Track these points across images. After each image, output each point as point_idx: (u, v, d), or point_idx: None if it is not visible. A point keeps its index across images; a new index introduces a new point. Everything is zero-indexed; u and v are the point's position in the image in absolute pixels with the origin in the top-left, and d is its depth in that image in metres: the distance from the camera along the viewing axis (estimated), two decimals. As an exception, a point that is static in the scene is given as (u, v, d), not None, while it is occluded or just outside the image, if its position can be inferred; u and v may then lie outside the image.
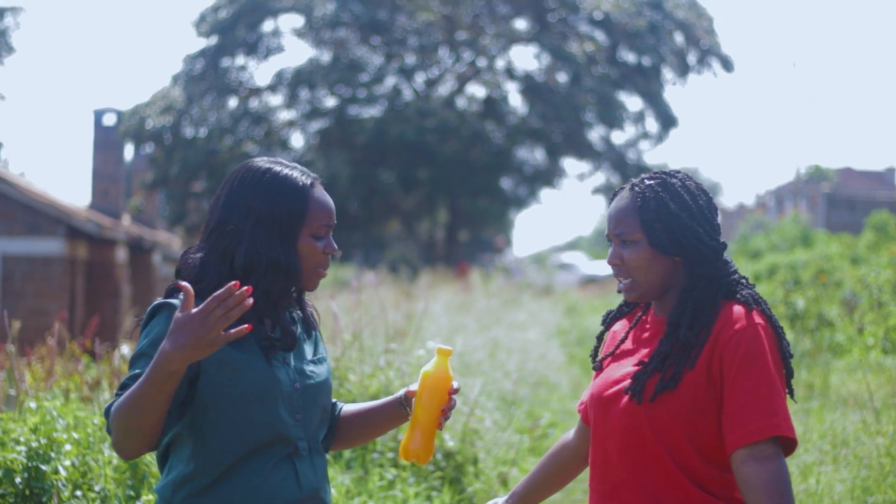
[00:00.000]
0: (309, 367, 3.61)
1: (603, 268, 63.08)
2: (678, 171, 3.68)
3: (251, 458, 3.44)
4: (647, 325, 3.71)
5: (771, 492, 3.32)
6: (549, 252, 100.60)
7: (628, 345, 3.72)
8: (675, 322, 3.53)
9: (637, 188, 3.63)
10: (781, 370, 3.49)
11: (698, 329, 3.49)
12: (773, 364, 3.45)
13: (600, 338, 3.89)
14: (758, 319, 3.49)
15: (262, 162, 3.60)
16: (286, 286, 3.53)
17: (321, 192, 3.60)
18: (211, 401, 3.41)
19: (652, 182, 3.63)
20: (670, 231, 3.55)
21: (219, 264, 3.50)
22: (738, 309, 3.51)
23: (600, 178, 45.34)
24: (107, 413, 3.31)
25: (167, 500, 3.45)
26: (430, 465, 8.31)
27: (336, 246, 3.62)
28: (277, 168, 3.57)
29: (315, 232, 3.56)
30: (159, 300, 3.46)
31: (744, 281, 3.61)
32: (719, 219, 3.69)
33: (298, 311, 3.70)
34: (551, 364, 17.02)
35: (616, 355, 3.73)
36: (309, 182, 3.58)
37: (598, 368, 3.76)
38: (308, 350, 3.67)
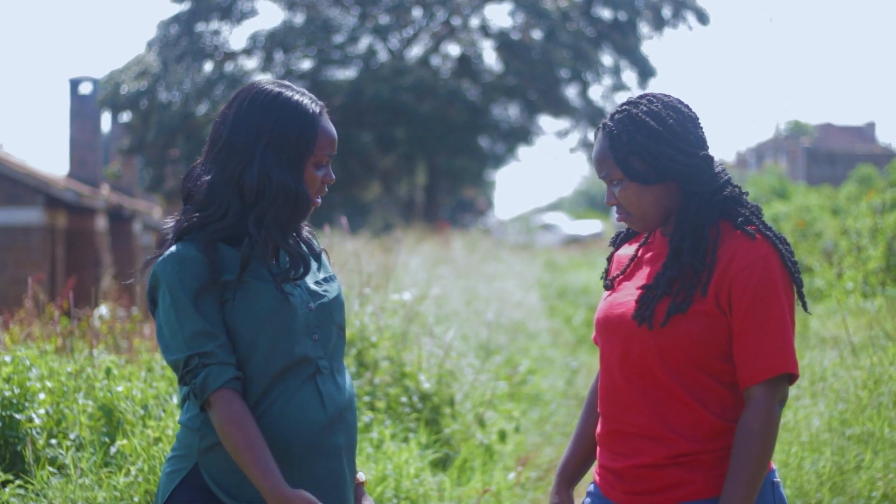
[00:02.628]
0: (321, 287, 3.61)
1: (585, 227, 63.11)
2: (644, 96, 3.65)
3: (276, 382, 3.44)
4: (653, 246, 3.72)
5: (756, 444, 3.41)
6: (531, 213, 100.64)
7: (638, 265, 3.73)
8: (678, 247, 3.54)
9: (606, 127, 3.62)
10: (792, 299, 3.52)
11: (703, 254, 3.50)
12: (785, 296, 3.48)
13: (609, 259, 3.90)
14: (765, 250, 3.49)
15: (272, 85, 3.57)
16: (295, 213, 3.51)
17: (328, 122, 3.59)
18: (231, 330, 3.43)
19: (619, 116, 3.61)
20: (646, 161, 3.54)
21: (227, 186, 3.48)
22: (744, 239, 3.51)
23: (578, 136, 45.24)
24: (201, 392, 3.37)
25: (195, 430, 3.46)
26: (407, 407, 8.31)
27: (333, 176, 3.62)
28: (289, 93, 3.55)
29: (318, 160, 3.55)
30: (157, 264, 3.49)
31: (736, 193, 3.60)
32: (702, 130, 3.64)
33: (304, 234, 3.70)
34: (530, 312, 17.04)
35: (627, 275, 3.74)
36: (318, 110, 3.56)
37: (610, 287, 3.76)
38: (317, 270, 3.67)
